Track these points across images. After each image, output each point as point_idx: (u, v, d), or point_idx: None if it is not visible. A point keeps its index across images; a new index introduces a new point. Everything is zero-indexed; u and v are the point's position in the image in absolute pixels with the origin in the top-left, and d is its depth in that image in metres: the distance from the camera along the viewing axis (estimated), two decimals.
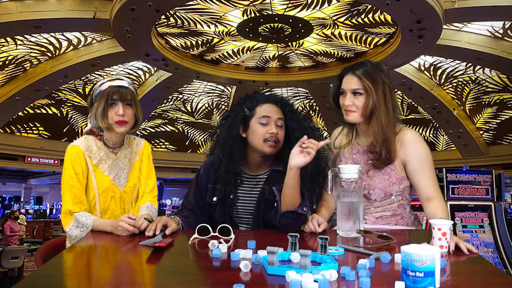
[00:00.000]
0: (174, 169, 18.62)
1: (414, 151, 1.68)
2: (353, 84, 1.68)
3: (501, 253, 5.08)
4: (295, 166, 1.51)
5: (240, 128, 1.72)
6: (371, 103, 1.66)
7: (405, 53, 11.13)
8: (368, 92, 1.66)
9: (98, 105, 1.79)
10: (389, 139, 1.66)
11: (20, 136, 15.77)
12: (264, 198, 1.70)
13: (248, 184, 1.76)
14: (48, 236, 12.62)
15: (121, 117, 1.78)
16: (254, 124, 1.69)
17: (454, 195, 5.29)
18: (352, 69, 1.71)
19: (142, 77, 14.22)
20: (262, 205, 1.71)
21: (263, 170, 1.76)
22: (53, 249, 1.84)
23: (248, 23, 10.81)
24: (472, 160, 15.34)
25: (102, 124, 1.79)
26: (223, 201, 1.73)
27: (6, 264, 6.01)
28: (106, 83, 1.82)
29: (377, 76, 1.68)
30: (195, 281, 1.00)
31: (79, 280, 1.03)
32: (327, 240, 1.10)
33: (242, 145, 1.73)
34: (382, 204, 1.73)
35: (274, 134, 1.66)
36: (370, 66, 1.71)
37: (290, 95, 15.89)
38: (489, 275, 0.99)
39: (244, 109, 1.73)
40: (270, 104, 1.71)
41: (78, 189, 1.77)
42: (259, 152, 1.70)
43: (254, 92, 1.81)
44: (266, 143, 1.66)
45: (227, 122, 1.76)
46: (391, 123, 1.68)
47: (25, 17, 9.45)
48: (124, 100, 1.80)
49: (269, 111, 1.69)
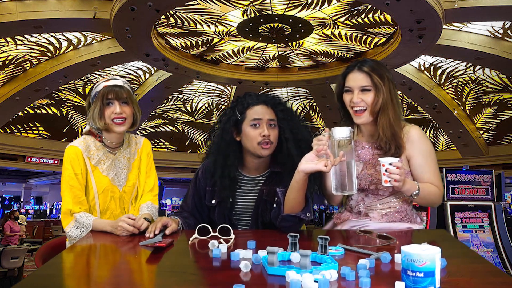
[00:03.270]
0: (174, 169, 18.63)
1: (419, 147, 1.70)
2: (361, 80, 1.67)
3: (501, 253, 5.08)
4: (303, 171, 1.45)
5: (233, 132, 1.71)
6: (381, 99, 1.66)
7: (405, 53, 11.14)
8: (378, 87, 1.66)
9: (95, 106, 1.79)
10: (397, 134, 1.68)
11: (20, 136, 15.78)
12: (262, 199, 1.70)
13: (247, 186, 1.75)
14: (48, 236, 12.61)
15: (119, 114, 1.78)
16: (246, 127, 1.67)
17: (454, 195, 5.29)
18: (358, 66, 1.70)
19: (142, 77, 14.23)
20: (260, 207, 1.70)
21: (262, 171, 1.75)
22: (53, 249, 1.84)
23: (248, 23, 10.81)
24: (472, 160, 15.35)
25: (100, 125, 1.79)
26: (222, 204, 1.72)
27: (6, 264, 6.00)
28: (101, 84, 1.82)
29: (383, 72, 1.69)
30: (195, 281, 1.00)
31: (79, 280, 1.03)
32: (327, 240, 1.10)
33: (237, 149, 1.71)
34: (388, 200, 1.73)
35: (266, 136, 1.64)
36: (374, 63, 1.71)
37: (290, 95, 15.90)
38: (489, 275, 0.99)
39: (236, 112, 1.71)
40: (261, 105, 1.69)
41: (78, 189, 1.77)
42: (254, 155, 1.69)
43: (245, 93, 1.78)
44: (260, 145, 1.64)
45: (220, 126, 1.74)
46: (398, 118, 1.70)
47: (25, 17, 9.45)
48: (120, 98, 1.80)
49: (260, 113, 1.67)
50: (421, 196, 1.61)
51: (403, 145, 1.69)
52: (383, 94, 1.66)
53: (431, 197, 1.67)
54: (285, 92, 15.67)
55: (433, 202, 1.71)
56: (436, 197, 1.68)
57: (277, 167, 1.71)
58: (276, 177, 1.70)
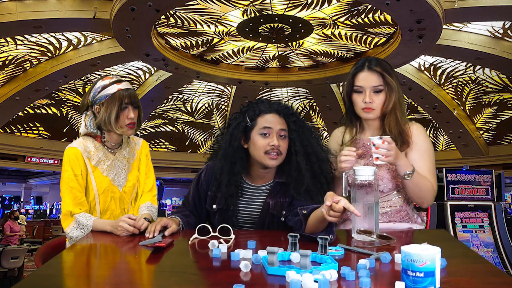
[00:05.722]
0: (174, 169, 18.62)
1: (417, 142, 1.71)
2: (374, 81, 1.66)
3: (501, 253, 5.08)
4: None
5: (241, 139, 1.64)
6: (394, 98, 1.67)
7: (405, 53, 11.13)
8: (391, 87, 1.66)
9: (110, 109, 1.77)
10: (403, 131, 1.69)
11: (20, 136, 15.78)
12: (269, 213, 1.64)
13: (250, 195, 1.69)
14: (48, 236, 12.62)
15: (132, 119, 1.81)
16: (255, 135, 1.60)
17: (454, 195, 5.29)
18: (368, 66, 1.68)
19: (142, 77, 14.22)
20: (267, 220, 1.65)
21: (266, 181, 1.69)
22: (53, 249, 1.84)
23: (248, 23, 10.81)
24: (472, 160, 15.34)
25: (116, 129, 1.79)
26: (223, 211, 1.68)
27: (6, 264, 6.00)
28: (112, 86, 1.80)
29: (392, 70, 1.71)
30: (195, 281, 1.00)
31: (79, 280, 1.03)
32: (327, 240, 1.10)
33: (244, 156, 1.65)
34: (389, 198, 1.71)
35: (275, 146, 1.57)
36: (383, 62, 1.71)
37: (290, 95, 15.90)
38: (489, 275, 0.99)
39: (246, 118, 1.64)
40: (273, 114, 1.61)
41: (78, 190, 1.77)
42: (260, 164, 1.63)
43: (257, 99, 1.73)
44: (267, 155, 1.58)
45: (228, 131, 1.67)
46: (404, 115, 1.72)
47: (25, 17, 9.45)
48: (134, 103, 1.82)
49: (271, 122, 1.60)
50: (414, 182, 1.58)
51: (409, 141, 1.70)
52: (396, 94, 1.67)
53: (423, 188, 1.62)
54: (285, 92, 15.67)
55: (424, 197, 1.64)
56: (428, 192, 1.64)
57: (282, 178, 1.66)
58: (281, 188, 1.65)
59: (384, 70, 1.67)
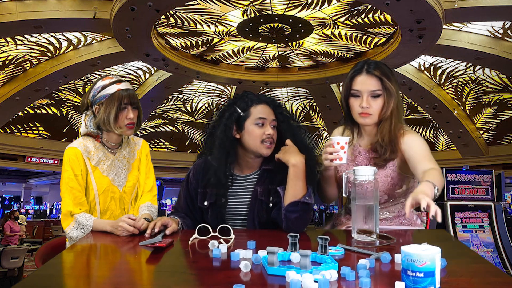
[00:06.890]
0: (174, 169, 18.61)
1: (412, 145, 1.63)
2: (372, 85, 1.60)
3: (501, 253, 5.08)
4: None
5: (233, 129, 1.70)
6: (393, 104, 1.61)
7: (405, 53, 11.14)
8: (390, 92, 1.61)
9: (109, 109, 1.77)
10: (394, 140, 1.63)
11: (20, 136, 15.78)
12: (257, 199, 1.68)
13: (239, 185, 1.72)
14: (48, 236, 12.61)
15: (131, 120, 1.81)
16: (250, 125, 1.65)
17: (454, 195, 5.29)
18: (367, 69, 1.62)
19: (142, 77, 14.23)
20: (256, 207, 1.68)
21: (252, 170, 1.73)
22: (53, 249, 1.84)
23: (248, 23, 10.81)
24: (472, 160, 15.34)
25: (115, 129, 1.79)
26: (215, 205, 1.69)
27: (6, 264, 6.00)
28: (112, 86, 1.80)
29: (392, 75, 1.64)
30: (195, 281, 1.00)
31: (79, 280, 1.03)
32: (327, 240, 1.10)
33: (236, 146, 1.70)
34: (386, 205, 1.70)
35: (270, 135, 1.64)
36: (383, 65, 1.65)
37: (290, 95, 15.90)
38: (489, 275, 0.99)
39: (237, 109, 1.68)
40: (264, 104, 1.68)
41: (78, 190, 1.77)
42: (254, 154, 1.67)
43: (244, 91, 1.77)
44: (263, 144, 1.64)
45: (221, 123, 1.70)
46: (400, 122, 1.66)
47: (25, 17, 9.45)
48: (133, 103, 1.82)
49: (264, 113, 1.66)
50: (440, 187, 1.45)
51: (398, 149, 1.64)
52: (394, 99, 1.61)
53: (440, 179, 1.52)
54: (285, 92, 15.67)
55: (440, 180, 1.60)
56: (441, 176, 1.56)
57: (269, 165, 1.70)
58: (268, 175, 1.69)
59: (383, 74, 1.61)
